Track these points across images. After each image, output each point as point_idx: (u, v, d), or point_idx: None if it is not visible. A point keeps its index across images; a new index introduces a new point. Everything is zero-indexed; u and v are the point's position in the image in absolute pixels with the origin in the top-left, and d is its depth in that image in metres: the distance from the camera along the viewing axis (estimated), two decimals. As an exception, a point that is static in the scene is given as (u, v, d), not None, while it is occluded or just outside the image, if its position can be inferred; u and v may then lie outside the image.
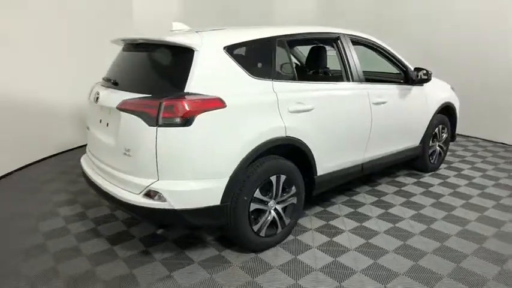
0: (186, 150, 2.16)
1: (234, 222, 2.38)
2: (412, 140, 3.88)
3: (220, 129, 2.23)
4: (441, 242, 2.74)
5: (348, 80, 3.14)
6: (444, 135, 4.31)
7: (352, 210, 3.26)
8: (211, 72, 2.30)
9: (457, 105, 4.41)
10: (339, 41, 3.14)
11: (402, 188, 3.79)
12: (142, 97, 2.22)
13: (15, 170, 4.20)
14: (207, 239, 2.76)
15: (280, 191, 2.60)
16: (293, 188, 2.68)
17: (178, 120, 2.10)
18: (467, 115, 5.14)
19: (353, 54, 3.19)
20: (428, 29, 5.99)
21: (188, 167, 2.19)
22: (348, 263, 2.48)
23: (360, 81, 3.19)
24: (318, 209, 3.28)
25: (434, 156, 4.25)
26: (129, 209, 2.29)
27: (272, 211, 2.60)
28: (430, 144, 4.12)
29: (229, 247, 2.65)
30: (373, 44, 3.48)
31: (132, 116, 2.19)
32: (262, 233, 2.55)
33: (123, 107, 2.26)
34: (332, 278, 2.32)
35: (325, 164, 2.91)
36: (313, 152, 2.75)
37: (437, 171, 4.30)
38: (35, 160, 4.51)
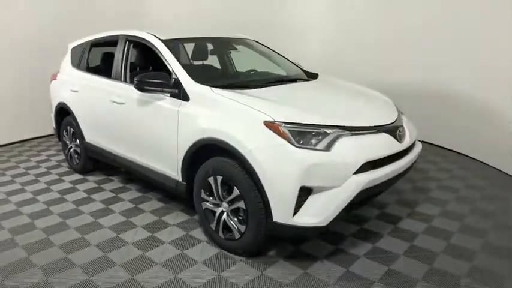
0: None
1: None
2: (164, 165, 2.99)
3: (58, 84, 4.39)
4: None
5: (113, 77, 3.53)
6: (236, 201, 2.42)
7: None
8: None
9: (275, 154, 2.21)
10: (118, 43, 3.59)
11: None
12: None
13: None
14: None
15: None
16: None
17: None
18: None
19: (122, 54, 3.49)
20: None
21: None
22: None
23: (117, 78, 3.46)
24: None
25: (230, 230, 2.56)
26: None
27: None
28: (204, 198, 2.64)
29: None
30: (148, 44, 3.27)
31: None
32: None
33: None
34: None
35: (89, 135, 3.94)
36: (78, 121, 3.94)
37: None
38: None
